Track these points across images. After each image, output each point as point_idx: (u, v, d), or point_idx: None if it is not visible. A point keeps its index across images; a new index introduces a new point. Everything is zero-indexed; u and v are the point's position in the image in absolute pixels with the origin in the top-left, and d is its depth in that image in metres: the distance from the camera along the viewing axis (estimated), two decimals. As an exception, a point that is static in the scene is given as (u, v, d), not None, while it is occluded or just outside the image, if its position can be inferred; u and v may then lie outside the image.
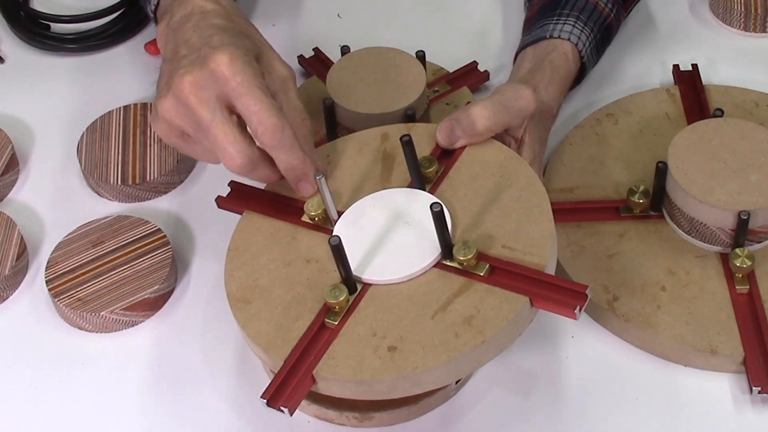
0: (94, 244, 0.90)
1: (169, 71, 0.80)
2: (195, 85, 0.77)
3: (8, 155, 0.98)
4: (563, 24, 0.95)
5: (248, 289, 0.78)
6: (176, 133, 0.81)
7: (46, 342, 0.87)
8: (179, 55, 0.81)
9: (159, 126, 0.81)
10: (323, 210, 0.80)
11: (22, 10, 1.12)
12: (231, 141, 0.77)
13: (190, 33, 0.81)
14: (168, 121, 0.80)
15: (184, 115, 0.79)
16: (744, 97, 0.97)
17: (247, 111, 0.77)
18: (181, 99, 0.78)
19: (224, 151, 0.77)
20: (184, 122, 0.79)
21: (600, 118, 0.97)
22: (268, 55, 0.82)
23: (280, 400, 0.72)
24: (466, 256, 0.75)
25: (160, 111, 0.80)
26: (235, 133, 0.77)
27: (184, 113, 0.79)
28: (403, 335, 0.73)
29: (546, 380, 0.82)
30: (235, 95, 0.77)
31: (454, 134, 0.82)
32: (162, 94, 0.79)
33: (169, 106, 0.79)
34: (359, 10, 1.13)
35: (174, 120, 0.79)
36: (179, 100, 0.78)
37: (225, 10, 0.84)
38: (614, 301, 0.84)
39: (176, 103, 0.78)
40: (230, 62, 0.77)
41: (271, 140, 0.77)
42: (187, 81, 0.77)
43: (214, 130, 0.77)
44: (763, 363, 0.80)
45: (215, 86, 0.77)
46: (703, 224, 0.84)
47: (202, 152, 0.82)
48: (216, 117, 0.77)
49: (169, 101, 0.79)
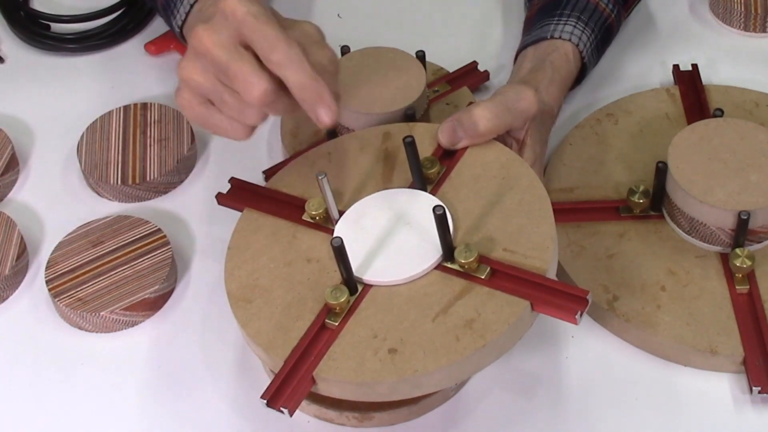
0: (94, 244, 0.90)
1: None
2: (209, 30, 0.76)
3: (8, 155, 0.98)
4: (564, 24, 0.95)
5: (248, 289, 0.78)
6: (199, 100, 0.79)
7: (46, 342, 0.87)
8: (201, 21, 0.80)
9: (182, 95, 0.79)
10: (324, 209, 0.80)
11: (22, 10, 1.12)
12: (249, 71, 0.75)
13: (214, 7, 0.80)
14: (190, 83, 0.78)
15: (204, 69, 0.77)
16: (744, 97, 0.97)
17: (254, 36, 0.76)
18: (199, 50, 0.77)
19: (245, 81, 0.75)
20: (205, 78, 0.78)
21: (600, 118, 0.97)
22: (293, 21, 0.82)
23: (280, 400, 0.72)
24: (467, 258, 0.75)
25: (181, 74, 0.78)
26: (253, 64, 0.76)
27: (203, 67, 0.77)
28: (404, 337, 0.73)
29: (546, 380, 0.82)
30: (245, 26, 0.76)
31: (456, 135, 0.82)
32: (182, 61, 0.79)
33: (188, 65, 0.78)
34: (359, 10, 1.13)
35: (196, 78, 0.78)
36: (198, 53, 0.77)
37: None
38: (614, 301, 0.84)
39: (195, 58, 0.78)
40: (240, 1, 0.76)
41: (278, 57, 0.75)
42: (201, 29, 0.77)
43: (233, 65, 0.76)
44: (763, 363, 0.80)
45: (228, 27, 0.76)
46: (703, 224, 0.84)
47: (227, 121, 0.79)
48: (233, 54, 0.76)
49: (188, 59, 0.78)
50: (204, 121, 0.80)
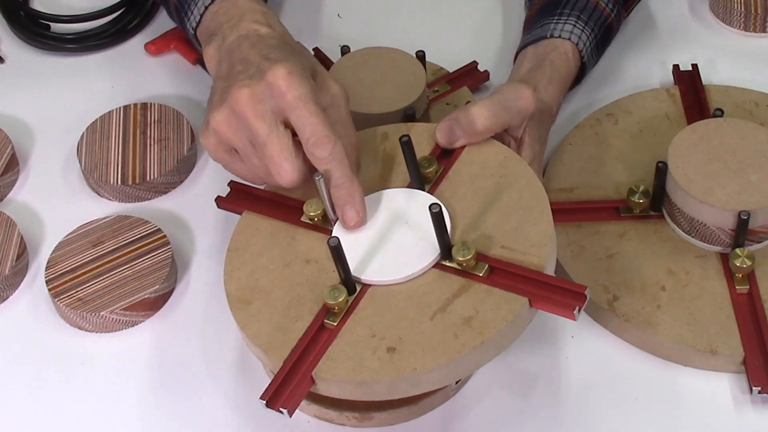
0: (94, 244, 0.90)
1: (223, 87, 0.80)
2: (252, 98, 0.77)
3: (8, 155, 0.98)
4: (564, 23, 0.95)
5: (248, 290, 0.78)
6: (225, 148, 0.81)
7: (46, 342, 0.87)
8: (236, 70, 0.81)
9: (209, 140, 0.81)
10: (322, 210, 0.80)
11: (22, 10, 1.12)
12: (286, 156, 0.77)
13: (247, 51, 0.82)
14: (220, 134, 0.80)
15: (238, 129, 0.79)
16: (744, 97, 0.97)
17: (301, 123, 0.77)
18: (237, 112, 0.78)
19: (280, 167, 0.77)
20: (237, 136, 0.79)
21: (600, 118, 0.97)
22: (321, 74, 0.83)
23: (279, 401, 0.72)
24: (465, 256, 0.75)
25: (213, 123, 0.79)
26: (290, 149, 0.77)
27: (238, 126, 0.79)
28: (402, 336, 0.73)
29: (546, 380, 0.82)
30: (291, 108, 0.77)
31: (453, 134, 0.82)
32: (216, 107, 0.79)
33: (223, 119, 0.79)
34: (359, 10, 1.13)
35: (226, 133, 0.79)
36: (235, 113, 0.78)
37: (279, 34, 0.85)
38: (614, 301, 0.84)
39: (231, 116, 0.78)
40: (288, 76, 0.77)
41: (322, 152, 0.77)
42: (245, 93, 0.77)
43: (271, 145, 0.77)
44: (763, 363, 0.80)
45: (272, 100, 0.77)
46: (703, 224, 0.84)
47: (247, 171, 0.81)
48: (273, 131, 0.77)
49: (223, 113, 0.79)
50: (226, 165, 0.82)
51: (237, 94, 0.78)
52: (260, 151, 0.78)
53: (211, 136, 0.80)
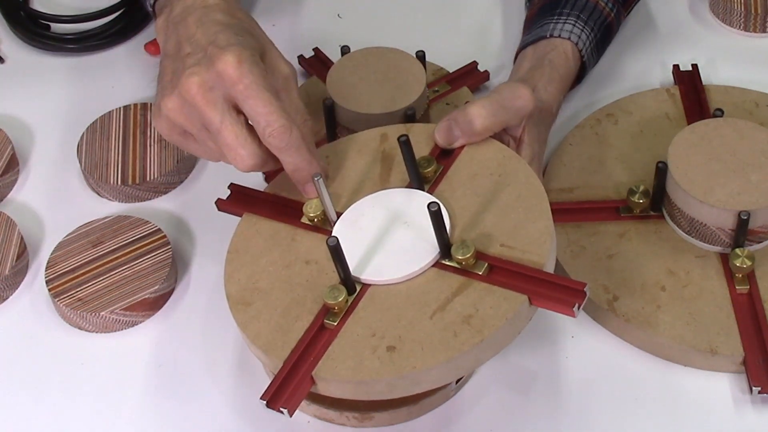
0: (94, 244, 0.90)
1: (172, 69, 0.80)
2: (203, 86, 0.77)
3: (8, 155, 0.98)
4: (563, 23, 0.95)
5: (248, 291, 0.78)
6: (178, 131, 0.81)
7: (46, 342, 0.87)
8: (183, 52, 0.80)
9: (161, 124, 0.81)
10: (322, 211, 0.80)
11: (22, 10, 1.12)
12: (242, 143, 0.77)
13: (194, 29, 0.81)
14: (172, 120, 0.80)
15: (190, 116, 0.79)
16: (744, 97, 0.97)
17: (254, 113, 0.77)
18: (188, 100, 0.78)
19: (235, 152, 0.77)
20: (189, 122, 0.79)
21: (600, 118, 0.97)
22: (271, 53, 0.82)
23: (279, 401, 0.72)
24: (464, 255, 0.75)
25: (164, 110, 0.79)
26: (245, 135, 0.77)
27: (190, 114, 0.79)
28: (402, 335, 0.73)
29: (546, 380, 0.82)
30: (243, 97, 0.77)
31: (452, 134, 0.82)
32: (166, 93, 0.79)
33: (174, 106, 0.79)
34: (359, 10, 1.13)
35: (178, 119, 0.79)
36: (186, 101, 0.78)
37: (227, 4, 0.84)
38: (614, 301, 0.84)
39: (182, 104, 0.78)
40: (238, 64, 0.77)
41: (279, 142, 0.77)
42: (195, 82, 0.77)
43: (225, 132, 0.77)
44: (763, 363, 0.80)
45: (223, 88, 0.77)
46: (703, 224, 0.84)
47: (203, 151, 0.81)
48: (225, 119, 0.77)
49: (174, 101, 0.78)
50: (181, 146, 0.83)
51: (187, 83, 0.77)
52: (215, 138, 0.78)
53: (164, 121, 0.80)
